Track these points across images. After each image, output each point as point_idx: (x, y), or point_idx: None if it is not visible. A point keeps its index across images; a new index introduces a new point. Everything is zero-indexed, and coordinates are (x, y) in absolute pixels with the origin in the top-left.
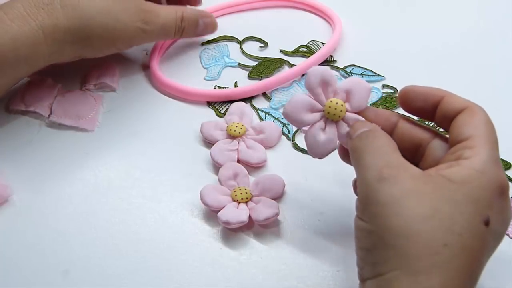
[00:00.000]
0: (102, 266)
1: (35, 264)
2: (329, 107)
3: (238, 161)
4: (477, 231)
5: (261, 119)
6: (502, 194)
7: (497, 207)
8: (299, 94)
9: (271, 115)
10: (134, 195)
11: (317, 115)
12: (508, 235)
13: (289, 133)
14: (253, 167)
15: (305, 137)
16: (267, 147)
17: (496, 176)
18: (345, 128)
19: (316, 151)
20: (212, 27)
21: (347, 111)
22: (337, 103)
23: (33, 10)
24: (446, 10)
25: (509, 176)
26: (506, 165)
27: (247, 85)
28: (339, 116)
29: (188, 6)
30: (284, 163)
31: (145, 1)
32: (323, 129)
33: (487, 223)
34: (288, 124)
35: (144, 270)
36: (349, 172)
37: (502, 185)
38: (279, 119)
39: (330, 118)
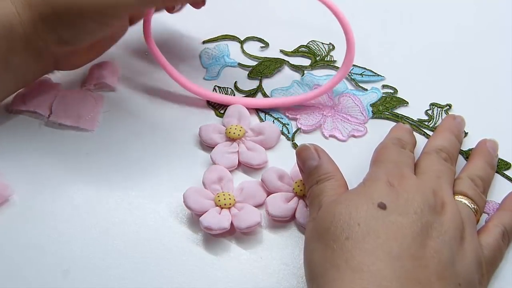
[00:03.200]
0: (102, 266)
1: (35, 264)
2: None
3: (239, 163)
4: (376, 215)
5: (260, 119)
6: (391, 185)
7: (392, 194)
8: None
9: (270, 115)
10: (134, 195)
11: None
12: None
13: (288, 133)
14: (254, 169)
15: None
16: (267, 148)
17: (380, 177)
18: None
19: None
20: None
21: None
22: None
23: None
24: (446, 10)
25: (509, 176)
26: (506, 165)
27: (274, 98)
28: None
29: None
30: (284, 163)
31: None
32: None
33: (382, 206)
34: (288, 124)
35: (144, 270)
36: (348, 171)
37: (388, 180)
38: (279, 119)
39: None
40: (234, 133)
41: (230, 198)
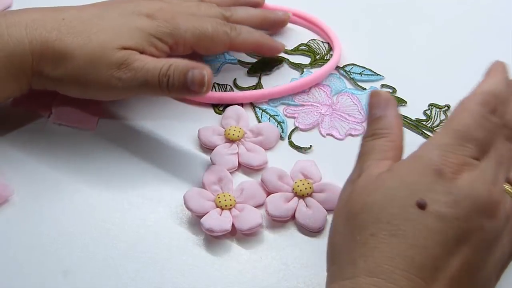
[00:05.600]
0: (102, 266)
1: (35, 264)
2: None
3: (239, 164)
4: (410, 216)
5: (256, 116)
6: (441, 177)
7: (440, 189)
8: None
9: (267, 113)
10: (134, 195)
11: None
12: None
13: (282, 132)
14: (254, 170)
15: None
16: (266, 148)
17: (431, 160)
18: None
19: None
20: (200, 81)
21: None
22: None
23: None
24: (446, 10)
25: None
26: None
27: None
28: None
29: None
30: (284, 164)
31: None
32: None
33: (421, 206)
34: (283, 122)
35: (144, 270)
36: (345, 170)
37: (439, 169)
38: (275, 116)
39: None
40: (233, 134)
41: (230, 199)
